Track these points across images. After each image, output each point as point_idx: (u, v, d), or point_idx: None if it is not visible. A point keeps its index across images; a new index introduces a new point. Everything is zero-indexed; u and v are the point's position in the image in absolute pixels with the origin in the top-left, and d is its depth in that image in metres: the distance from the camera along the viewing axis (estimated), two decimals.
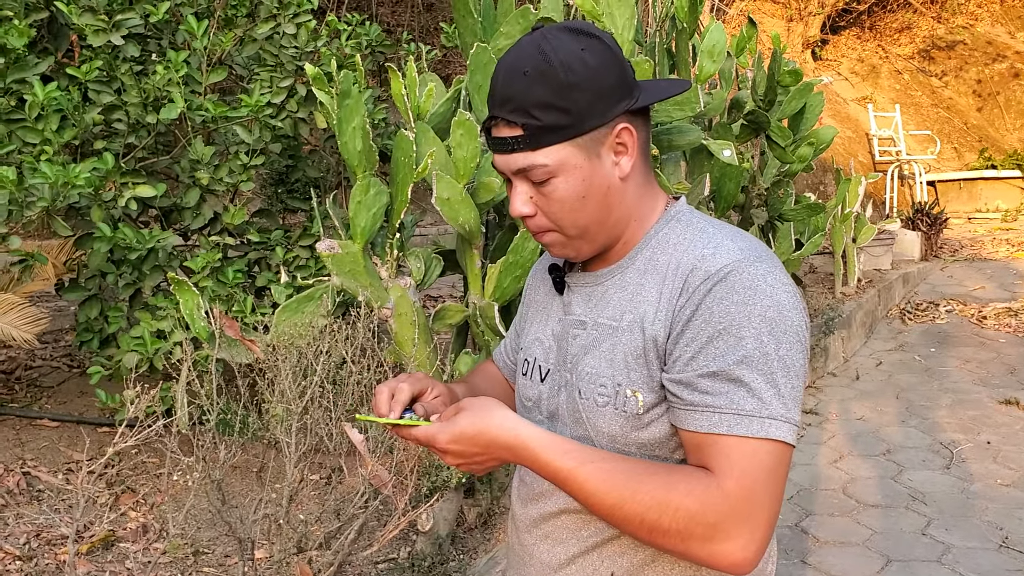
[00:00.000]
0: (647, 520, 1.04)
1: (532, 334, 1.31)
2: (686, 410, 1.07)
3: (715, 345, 1.05)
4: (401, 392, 1.22)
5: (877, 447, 4.74)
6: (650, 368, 1.11)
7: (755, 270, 1.08)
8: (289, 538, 1.98)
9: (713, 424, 1.04)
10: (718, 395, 1.05)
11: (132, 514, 3.15)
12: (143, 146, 3.39)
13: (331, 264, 2.76)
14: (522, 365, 1.32)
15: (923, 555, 3.57)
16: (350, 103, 2.73)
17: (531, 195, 1.16)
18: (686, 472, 1.06)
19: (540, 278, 1.37)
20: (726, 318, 1.06)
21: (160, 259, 3.32)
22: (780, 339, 1.06)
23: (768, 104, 4.96)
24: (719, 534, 1.02)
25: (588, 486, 1.06)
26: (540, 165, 1.12)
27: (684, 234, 1.18)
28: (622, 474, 1.06)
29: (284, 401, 1.98)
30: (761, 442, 1.03)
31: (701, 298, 1.08)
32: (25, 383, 4.09)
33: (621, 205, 1.18)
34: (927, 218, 9.16)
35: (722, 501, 1.02)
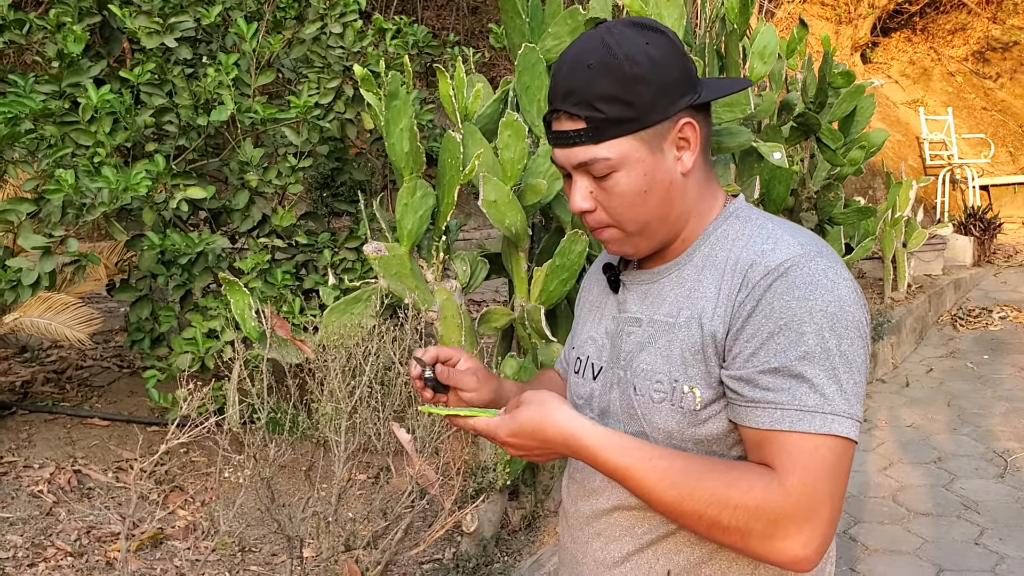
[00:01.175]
0: (707, 517, 1.03)
1: (585, 333, 1.31)
2: (747, 407, 1.06)
3: (776, 341, 1.04)
4: (427, 351, 1.29)
5: (928, 455, 4.65)
6: (708, 364, 1.10)
7: (815, 265, 1.07)
8: (337, 537, 1.98)
9: (775, 420, 1.03)
10: (779, 391, 1.03)
11: (181, 512, 3.19)
12: (193, 148, 3.44)
13: (378, 266, 2.77)
14: (574, 364, 1.31)
15: (976, 565, 3.49)
16: (398, 104, 2.74)
17: (591, 190, 1.15)
18: (746, 468, 1.05)
19: (595, 279, 1.37)
20: (787, 314, 1.04)
21: (209, 261, 3.36)
22: (841, 335, 1.04)
23: (818, 106, 4.89)
24: (780, 531, 1.01)
25: (647, 483, 1.05)
26: (602, 159, 1.11)
27: (743, 230, 1.17)
28: (681, 471, 1.05)
29: (333, 400, 1.99)
30: (823, 438, 1.02)
31: (761, 294, 1.07)
32: (76, 383, 4.16)
33: (682, 201, 1.16)
34: (980, 223, 8.97)
35: (783, 498, 1.01)
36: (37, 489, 3.19)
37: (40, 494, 3.16)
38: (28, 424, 3.65)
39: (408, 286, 2.81)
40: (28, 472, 3.30)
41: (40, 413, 3.76)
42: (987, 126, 12.38)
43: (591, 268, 1.40)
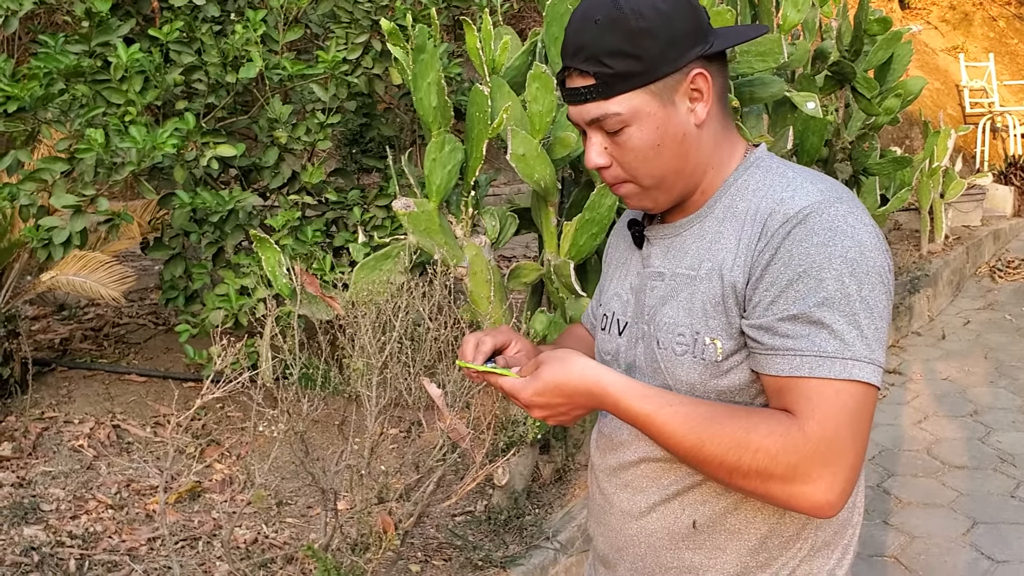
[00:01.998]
0: (727, 462, 1.03)
1: (611, 289, 1.31)
2: (767, 355, 1.06)
3: (795, 288, 1.04)
4: (484, 344, 1.27)
5: (964, 408, 4.61)
6: (729, 315, 1.10)
7: (835, 211, 1.06)
8: (370, 489, 2.01)
9: (794, 367, 1.03)
10: (799, 338, 1.03)
11: (217, 466, 3.25)
12: (222, 106, 3.44)
13: (407, 222, 2.76)
14: (601, 320, 1.32)
15: (1012, 518, 3.47)
16: (425, 58, 2.72)
17: (606, 146, 1.16)
18: (767, 414, 1.05)
19: (621, 234, 1.36)
20: (806, 260, 1.04)
21: (240, 219, 3.38)
22: (862, 280, 1.03)
23: (854, 54, 4.78)
24: (800, 475, 1.01)
25: (667, 429, 1.06)
26: (613, 114, 1.11)
27: (764, 179, 1.16)
28: (701, 417, 1.05)
29: (364, 356, 2.00)
30: (844, 383, 1.01)
31: (780, 241, 1.06)
32: (113, 340, 4.23)
33: (698, 153, 1.16)
34: (1021, 172, 8.77)
35: (803, 442, 1.01)
36: (77, 444, 3.26)
37: (80, 449, 3.24)
38: (67, 380, 3.73)
39: (437, 242, 2.81)
40: (68, 427, 3.37)
41: (79, 370, 3.83)
42: None
43: (617, 224, 1.40)
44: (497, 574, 2.73)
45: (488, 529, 2.97)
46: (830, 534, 1.18)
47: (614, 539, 1.27)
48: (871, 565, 3.19)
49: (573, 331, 1.53)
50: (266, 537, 2.80)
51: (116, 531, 2.79)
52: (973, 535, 3.35)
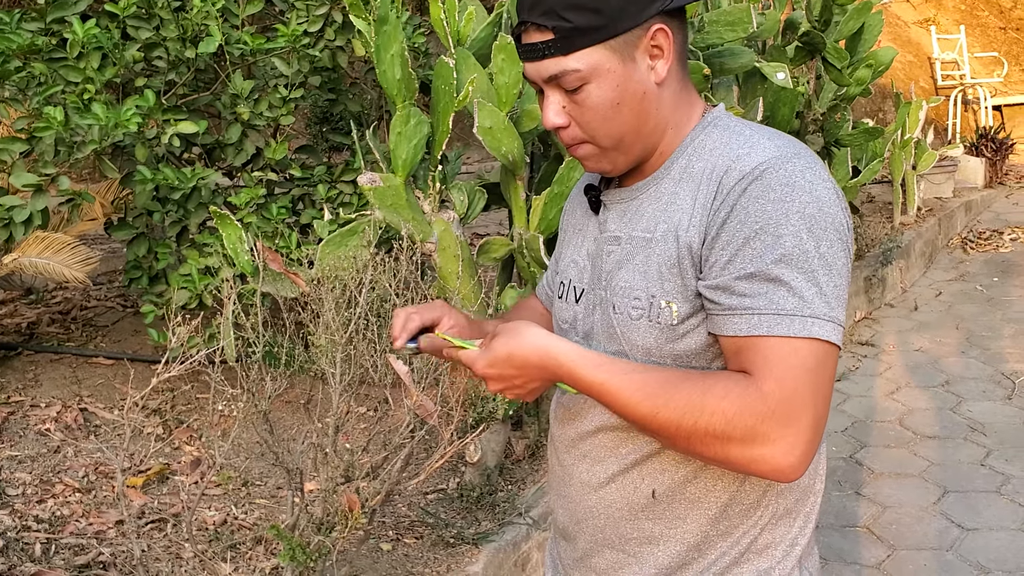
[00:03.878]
0: (684, 426, 1.00)
1: (568, 257, 1.29)
2: (724, 315, 1.03)
3: (752, 246, 1.01)
4: (411, 321, 1.23)
5: (936, 378, 4.64)
6: (684, 277, 1.08)
7: (792, 166, 1.04)
8: (336, 467, 1.99)
9: (752, 326, 1.00)
10: (756, 296, 1.00)
11: (186, 448, 3.21)
12: (183, 82, 3.37)
13: (373, 198, 2.72)
14: (558, 288, 1.29)
15: (982, 486, 3.50)
16: (388, 29, 2.67)
17: (564, 105, 1.12)
18: (723, 375, 1.02)
19: (577, 201, 1.33)
20: (763, 217, 1.01)
21: (204, 197, 3.32)
22: (820, 236, 1.01)
23: (824, 24, 4.77)
24: (759, 437, 0.98)
25: (622, 396, 1.03)
26: (572, 70, 1.08)
27: (721, 138, 1.13)
28: (656, 383, 1.02)
29: (328, 332, 1.97)
30: (802, 341, 0.99)
31: (736, 198, 1.04)
32: (81, 323, 4.17)
33: (657, 112, 1.12)
34: (992, 143, 8.82)
35: (760, 402, 0.98)
36: (44, 427, 3.21)
37: (47, 432, 3.19)
38: (34, 364, 3.67)
39: (404, 217, 2.77)
40: (35, 411, 3.32)
41: (46, 353, 3.77)
42: (1001, 44, 12.11)
43: (573, 190, 1.36)
44: (469, 551, 2.72)
45: (460, 506, 2.96)
46: (791, 501, 1.16)
47: (574, 511, 1.25)
48: (843, 536, 3.21)
49: (526, 303, 1.50)
50: (235, 519, 2.77)
51: (84, 514, 2.75)
52: (944, 504, 3.38)
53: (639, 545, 1.18)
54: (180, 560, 2.37)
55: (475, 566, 2.66)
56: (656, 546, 1.17)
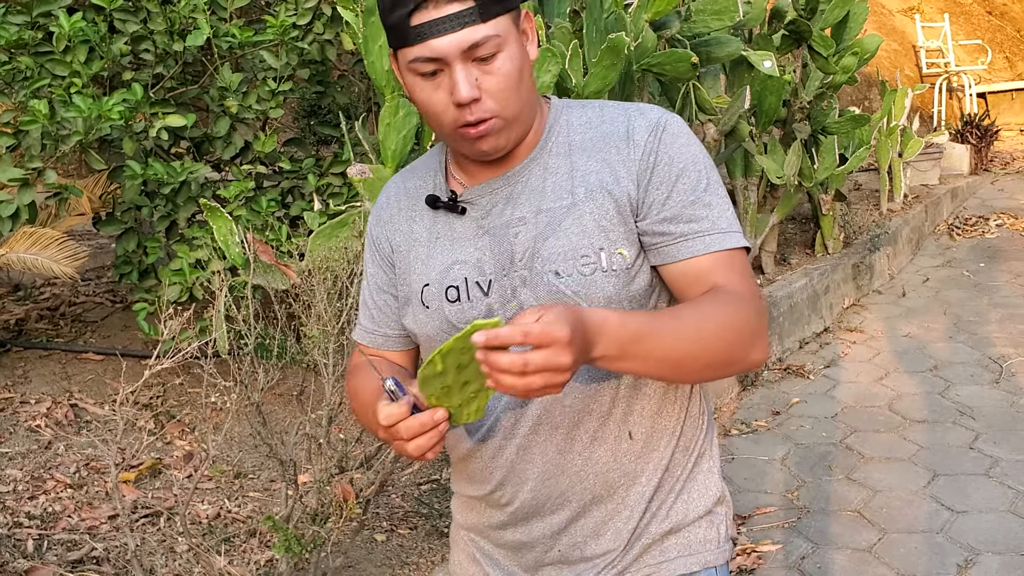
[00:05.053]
0: (722, 346, 1.11)
1: (440, 263, 1.24)
2: (677, 242, 1.17)
3: (683, 181, 1.18)
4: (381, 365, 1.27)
5: (924, 363, 4.67)
6: (627, 224, 1.18)
7: (677, 119, 1.23)
8: (329, 458, 1.99)
9: (707, 245, 1.16)
10: (701, 220, 1.16)
11: (179, 442, 3.21)
12: (171, 76, 3.36)
13: (363, 189, 2.72)
14: (442, 296, 1.23)
15: (970, 469, 3.53)
16: (375, 20, 2.66)
17: (476, 77, 1.13)
18: (712, 295, 1.14)
19: (404, 219, 1.29)
20: (684, 157, 1.19)
21: (193, 191, 3.31)
22: (712, 168, 1.22)
23: (810, 13, 4.78)
24: (759, 334, 1.15)
25: (668, 333, 1.09)
26: (493, 36, 1.11)
27: (586, 114, 1.25)
28: (679, 318, 1.11)
29: (320, 323, 1.97)
30: (739, 251, 1.18)
31: (655, 146, 1.19)
32: (70, 319, 4.15)
33: (533, 90, 1.20)
34: (977, 130, 8.86)
35: (751, 305, 1.14)
36: (35, 424, 3.20)
37: (38, 429, 3.18)
38: (23, 361, 3.65)
39: None
40: (25, 407, 3.31)
41: (35, 350, 3.75)
42: (984, 32, 12.16)
43: (382, 216, 1.32)
44: None
45: None
46: (706, 405, 1.34)
47: (550, 486, 1.24)
48: (834, 520, 3.23)
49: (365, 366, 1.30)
50: (228, 512, 2.77)
51: (75, 510, 2.74)
52: (933, 487, 3.41)
53: (625, 488, 1.25)
54: (174, 554, 2.37)
55: None
56: (638, 482, 1.25)
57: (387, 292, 1.32)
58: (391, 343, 1.33)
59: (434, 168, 1.30)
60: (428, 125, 1.24)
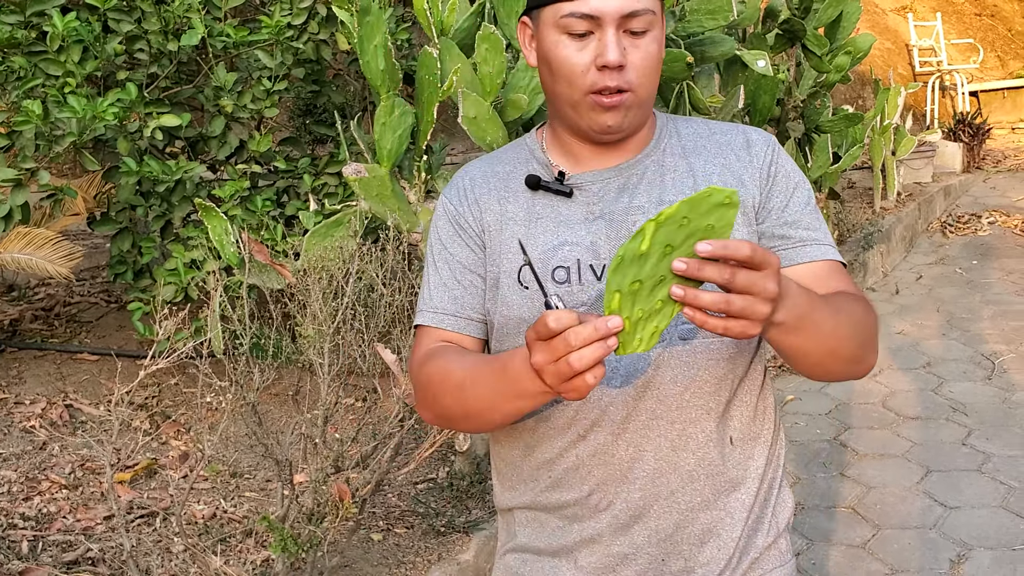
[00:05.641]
0: (860, 342, 1.15)
1: (544, 243, 1.21)
2: (800, 246, 1.22)
3: (798, 194, 1.25)
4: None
5: (917, 360, 4.69)
6: (750, 226, 1.22)
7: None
8: (325, 458, 1.99)
9: (824, 252, 1.23)
10: (816, 230, 1.23)
11: (174, 443, 3.21)
12: (166, 75, 3.36)
13: (358, 188, 2.72)
14: (551, 275, 1.20)
15: (963, 465, 3.55)
16: (371, 20, 2.67)
17: (624, 47, 1.14)
18: (847, 295, 1.18)
19: (494, 199, 1.25)
20: (795, 175, 1.26)
21: (188, 190, 3.31)
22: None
23: (804, 12, 4.79)
24: (876, 340, 1.20)
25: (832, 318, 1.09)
26: (649, 11, 1.13)
27: (690, 126, 1.29)
28: (836, 305, 1.12)
29: (315, 323, 1.98)
30: (843, 265, 1.25)
31: (774, 159, 1.26)
32: (64, 319, 4.15)
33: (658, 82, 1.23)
34: (969, 129, 8.90)
35: (873, 312, 1.20)
36: (29, 425, 3.20)
37: (32, 429, 3.17)
38: (18, 361, 3.65)
39: (390, 207, 2.77)
40: (20, 408, 3.30)
41: (29, 350, 3.75)
42: (976, 31, 12.19)
43: (465, 196, 1.27)
44: (460, 539, 2.73)
45: (451, 495, 2.97)
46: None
47: (661, 485, 1.19)
48: (829, 516, 3.24)
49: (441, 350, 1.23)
50: (224, 512, 2.77)
51: (71, 511, 2.74)
52: (926, 483, 3.42)
53: (727, 495, 1.22)
54: (170, 554, 2.37)
55: (466, 554, 2.67)
56: (739, 491, 1.23)
57: (475, 272, 1.25)
58: (472, 327, 1.26)
59: (524, 155, 1.28)
60: (554, 90, 1.20)
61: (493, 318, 1.24)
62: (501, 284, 1.22)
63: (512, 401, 1.09)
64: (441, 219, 1.29)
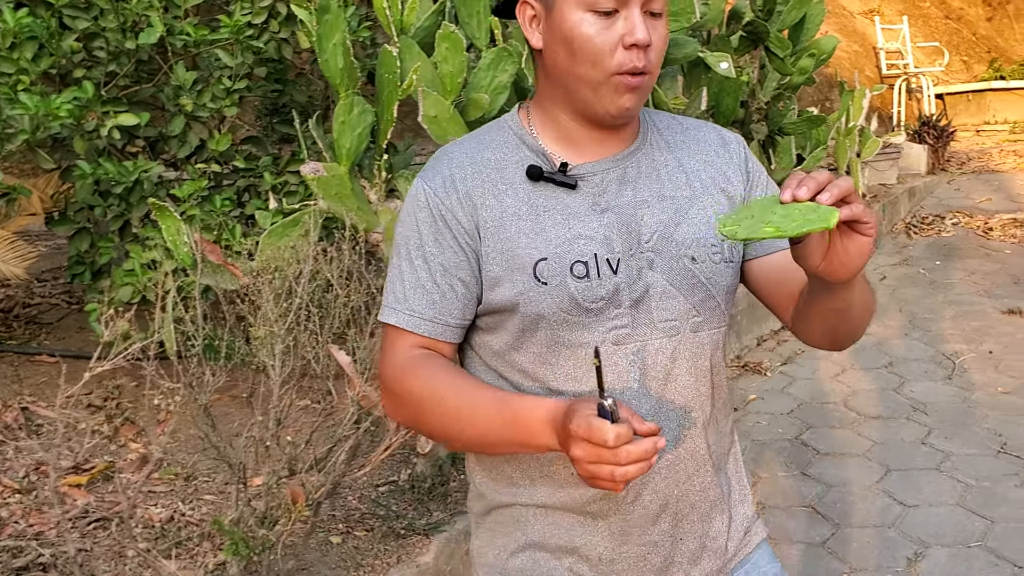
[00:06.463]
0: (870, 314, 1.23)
1: (558, 237, 1.18)
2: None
3: (770, 188, 1.31)
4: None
5: (879, 360, 4.73)
6: None
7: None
8: (278, 460, 1.98)
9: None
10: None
11: (132, 445, 3.16)
12: (125, 74, 3.32)
13: (317, 187, 2.70)
14: (569, 270, 1.17)
15: (923, 463, 3.58)
16: (329, 18, 2.65)
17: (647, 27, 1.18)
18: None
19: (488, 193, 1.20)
20: (763, 169, 1.34)
21: (146, 190, 3.27)
22: None
23: (767, 14, 4.82)
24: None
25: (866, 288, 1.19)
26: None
27: (663, 118, 1.32)
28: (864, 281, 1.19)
29: (267, 324, 1.96)
30: None
31: (746, 156, 1.32)
32: (23, 320, 4.09)
33: None
34: (934, 131, 9.00)
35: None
36: None
37: None
38: None
39: (349, 207, 2.75)
40: None
41: None
42: (942, 34, 12.35)
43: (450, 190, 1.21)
44: (420, 541, 2.72)
45: (412, 498, 2.96)
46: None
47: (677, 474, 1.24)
48: (789, 515, 3.26)
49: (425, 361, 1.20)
50: (182, 515, 2.74)
51: (23, 515, 2.70)
52: (886, 482, 3.45)
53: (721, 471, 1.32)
54: (124, 559, 2.34)
55: (426, 556, 2.66)
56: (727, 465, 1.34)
57: (456, 276, 1.19)
58: (450, 333, 1.22)
59: (511, 141, 1.24)
60: (573, 71, 1.17)
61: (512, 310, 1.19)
62: (514, 279, 1.18)
63: (514, 448, 1.13)
64: (421, 210, 1.21)
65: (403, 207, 1.25)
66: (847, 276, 1.05)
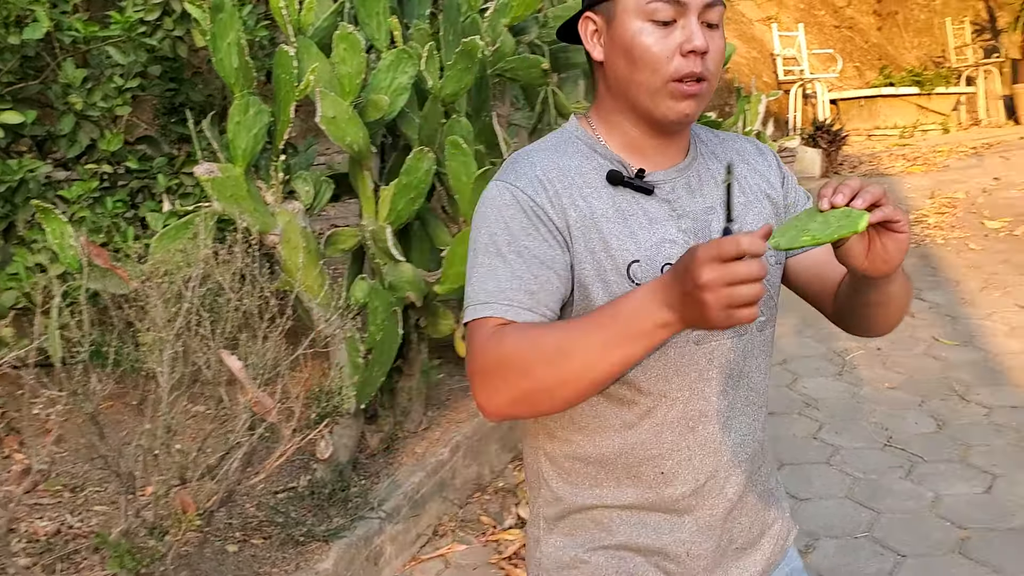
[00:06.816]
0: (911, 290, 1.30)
1: (648, 240, 1.22)
2: None
3: (802, 192, 1.40)
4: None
5: (773, 358, 4.87)
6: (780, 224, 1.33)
7: None
8: (167, 469, 1.93)
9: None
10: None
11: (17, 456, 3.04)
12: (9, 70, 3.19)
13: (211, 189, 2.65)
14: (660, 272, 1.21)
15: (813, 458, 3.72)
16: (223, 17, 2.60)
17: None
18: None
19: (577, 195, 1.23)
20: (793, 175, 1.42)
21: (32, 190, 3.15)
22: None
23: None
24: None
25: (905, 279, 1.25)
26: (723, 4, 1.20)
27: (698, 129, 1.36)
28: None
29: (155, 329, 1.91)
30: None
31: (780, 163, 1.40)
32: None
33: None
34: (827, 135, 9.32)
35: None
36: None
37: None
38: None
39: (245, 208, 2.71)
40: None
41: None
42: (836, 42, 12.79)
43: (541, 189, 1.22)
44: (319, 548, 2.69)
45: (312, 504, 2.92)
46: None
47: (753, 466, 1.34)
48: None
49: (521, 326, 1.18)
50: (70, 527, 2.65)
51: None
52: (779, 476, 3.56)
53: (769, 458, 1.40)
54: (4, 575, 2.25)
55: (325, 563, 2.64)
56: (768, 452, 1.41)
57: (551, 269, 1.20)
58: (564, 306, 1.25)
59: (582, 149, 1.27)
60: (633, 78, 1.21)
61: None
62: (606, 279, 1.21)
63: (622, 346, 1.06)
64: (509, 207, 1.21)
65: (481, 211, 1.23)
66: (888, 271, 1.14)
